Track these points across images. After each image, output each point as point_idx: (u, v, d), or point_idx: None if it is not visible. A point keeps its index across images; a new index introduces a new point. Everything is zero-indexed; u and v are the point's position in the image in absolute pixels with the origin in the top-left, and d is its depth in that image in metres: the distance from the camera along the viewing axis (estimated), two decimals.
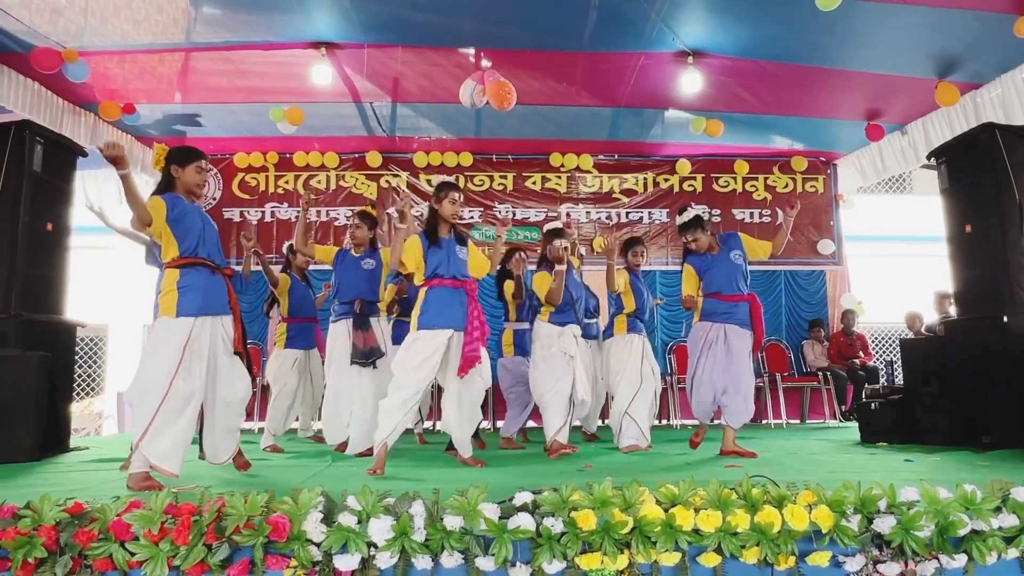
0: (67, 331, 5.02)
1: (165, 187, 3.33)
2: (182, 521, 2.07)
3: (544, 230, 4.83)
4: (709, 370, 4.28)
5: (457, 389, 3.81)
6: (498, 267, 4.67)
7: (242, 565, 2.07)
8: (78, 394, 8.97)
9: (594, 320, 5.69)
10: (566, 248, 4.49)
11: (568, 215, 8.09)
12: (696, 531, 2.12)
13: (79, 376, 9.26)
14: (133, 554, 2.06)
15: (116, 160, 3.14)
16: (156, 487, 2.87)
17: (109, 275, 8.82)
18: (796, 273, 8.27)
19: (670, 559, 2.11)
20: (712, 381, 4.27)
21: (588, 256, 7.31)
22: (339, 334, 4.56)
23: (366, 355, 4.35)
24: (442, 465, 3.88)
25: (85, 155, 5.41)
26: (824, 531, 2.13)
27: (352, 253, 4.69)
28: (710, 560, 2.12)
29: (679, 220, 4.42)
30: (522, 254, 5.29)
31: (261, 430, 6.81)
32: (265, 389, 7.14)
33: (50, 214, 4.87)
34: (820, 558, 2.12)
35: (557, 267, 4.39)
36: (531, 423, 6.28)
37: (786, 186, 8.30)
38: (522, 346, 5.17)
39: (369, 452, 4.32)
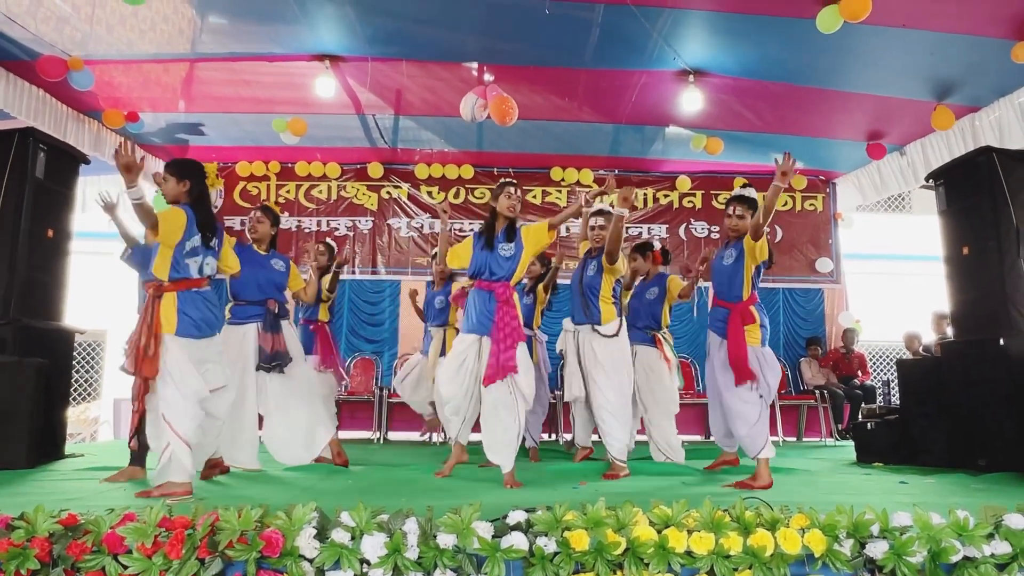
0: (65, 337, 5.02)
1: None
2: (175, 535, 2.07)
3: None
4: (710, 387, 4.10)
5: (489, 400, 3.61)
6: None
7: None
8: (74, 399, 8.95)
9: None
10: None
11: (568, 229, 8.12)
12: (689, 553, 2.13)
13: (76, 381, 9.25)
14: (126, 567, 2.06)
15: (127, 168, 3.09)
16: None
17: (108, 280, 8.83)
18: (794, 291, 8.29)
19: None
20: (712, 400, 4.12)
21: None
22: (246, 337, 4.06)
23: (269, 358, 4.00)
24: (436, 481, 3.87)
25: (88, 162, 5.44)
26: (817, 555, 2.13)
27: (256, 249, 4.27)
28: None
29: (736, 193, 3.95)
30: None
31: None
32: None
33: (51, 220, 4.89)
34: None
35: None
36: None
37: (785, 204, 8.33)
38: None
39: (322, 460, 4.33)
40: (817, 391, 7.55)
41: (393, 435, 7.27)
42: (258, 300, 4.11)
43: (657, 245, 5.23)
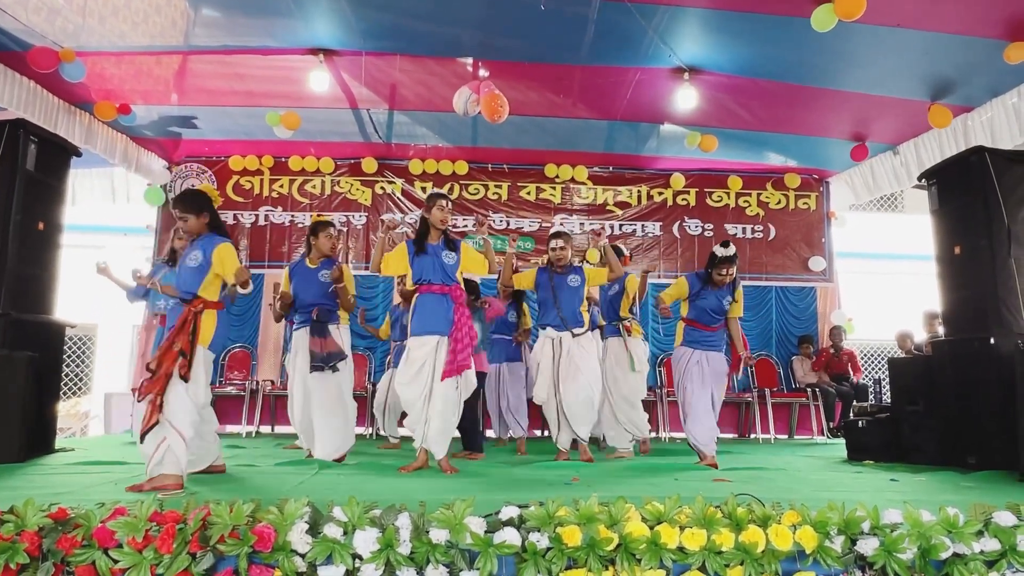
0: (56, 331, 4.99)
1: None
2: (166, 529, 2.06)
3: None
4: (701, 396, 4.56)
5: (438, 392, 3.96)
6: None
7: (226, 574, 2.07)
8: (65, 393, 8.90)
9: None
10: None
11: (562, 225, 8.12)
12: (681, 549, 2.13)
13: (66, 375, 9.19)
14: (116, 561, 2.05)
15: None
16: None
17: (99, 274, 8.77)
18: (787, 289, 8.31)
19: None
20: (707, 406, 4.57)
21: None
22: (301, 341, 4.46)
23: (324, 359, 4.33)
24: (429, 475, 3.87)
25: (79, 155, 5.39)
26: (808, 551, 2.14)
27: (308, 264, 4.54)
28: None
29: (722, 252, 4.46)
30: None
31: (250, 434, 6.81)
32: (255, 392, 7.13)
33: (42, 213, 4.85)
34: None
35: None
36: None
37: (779, 202, 8.36)
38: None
39: (342, 458, 4.40)
40: (809, 389, 7.58)
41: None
42: (307, 309, 4.43)
43: (625, 250, 5.85)
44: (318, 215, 5.72)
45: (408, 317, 4.18)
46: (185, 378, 3.26)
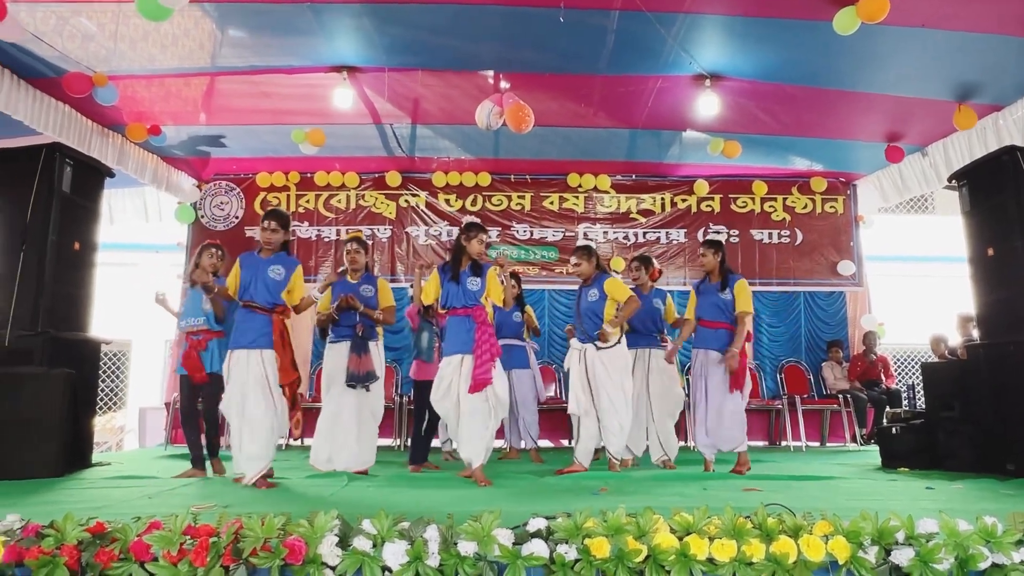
0: (92, 348, 5.11)
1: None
2: (200, 543, 2.10)
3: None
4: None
5: (465, 407, 4.05)
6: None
7: None
8: (101, 408, 9.10)
9: None
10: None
11: (585, 235, 8.12)
12: (711, 560, 2.11)
13: (102, 391, 9.40)
14: (152, 575, 2.09)
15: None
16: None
17: (133, 291, 8.98)
18: (815, 294, 8.20)
19: None
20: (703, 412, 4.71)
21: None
22: (338, 355, 4.58)
23: (359, 378, 4.46)
24: (456, 486, 3.89)
25: (112, 175, 5.54)
26: (841, 562, 2.11)
27: (349, 279, 4.71)
28: None
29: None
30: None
31: (280, 447, 6.88)
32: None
33: (78, 233, 4.99)
34: None
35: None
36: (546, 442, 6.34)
37: (805, 207, 8.26)
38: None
39: (365, 471, 4.46)
40: (840, 395, 7.46)
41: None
42: (349, 324, 4.55)
43: (655, 263, 5.72)
44: (354, 231, 5.75)
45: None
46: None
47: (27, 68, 5.34)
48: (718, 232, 8.14)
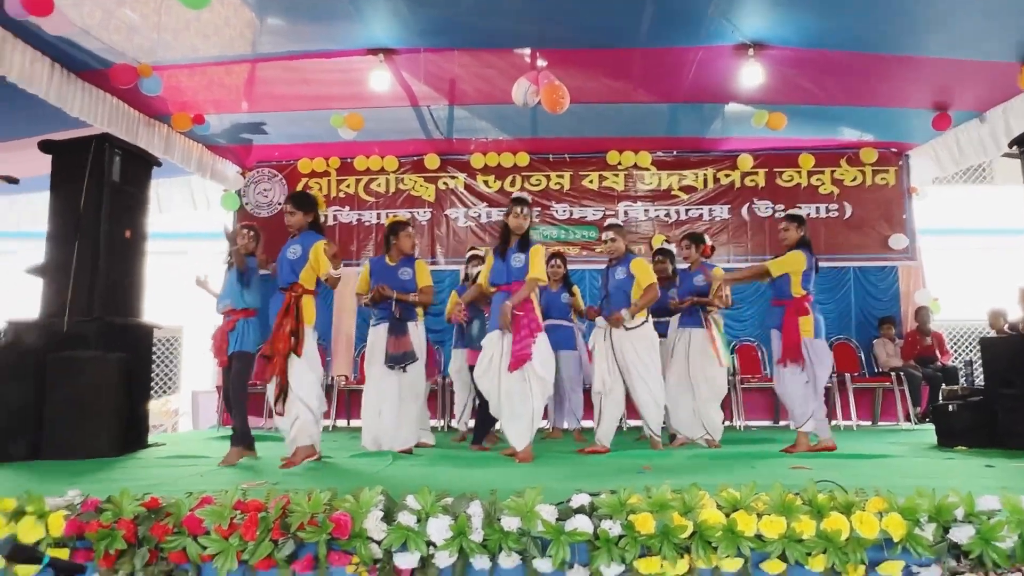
0: (144, 333, 5.26)
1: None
2: (250, 517, 2.15)
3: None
4: None
5: (503, 385, 4.07)
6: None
7: (307, 561, 2.14)
8: (155, 392, 9.41)
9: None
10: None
11: (626, 213, 8.02)
12: (759, 537, 2.07)
13: (156, 375, 9.71)
14: (205, 548, 2.15)
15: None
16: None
17: (183, 278, 9.22)
18: (866, 269, 7.94)
19: (732, 565, 2.06)
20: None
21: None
22: (378, 337, 4.62)
23: (396, 359, 4.47)
24: (499, 464, 3.90)
25: (159, 164, 5.66)
26: (896, 540, 2.04)
27: (388, 262, 4.71)
28: (774, 567, 2.06)
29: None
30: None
31: (325, 428, 7.02)
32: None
33: (128, 221, 5.12)
34: (892, 568, 2.04)
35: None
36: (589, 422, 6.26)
37: (855, 179, 7.99)
38: None
39: (409, 451, 4.47)
40: (893, 373, 7.23)
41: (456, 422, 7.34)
42: (388, 306, 4.57)
43: (708, 239, 5.61)
44: (394, 216, 5.70)
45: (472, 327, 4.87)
46: (297, 353, 3.71)
47: (76, 62, 5.49)
48: (764, 204, 7.94)
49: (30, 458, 4.23)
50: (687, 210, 8.07)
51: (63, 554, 2.18)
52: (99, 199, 4.86)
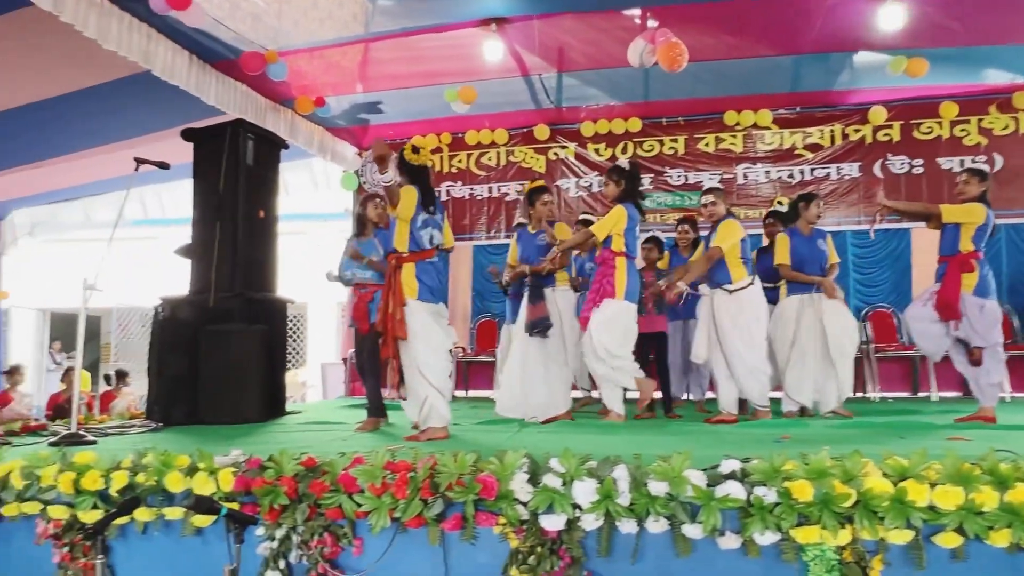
0: (280, 307, 5.57)
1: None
2: (400, 476, 2.22)
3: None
4: None
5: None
6: None
7: (455, 520, 2.19)
8: (287, 364, 10.00)
9: None
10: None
11: (745, 176, 7.67)
12: (932, 508, 1.92)
13: (288, 349, 10.31)
14: (359, 505, 2.25)
15: (381, 159, 3.44)
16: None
17: (307, 257, 9.70)
18: (1019, 227, 7.21)
19: (901, 537, 1.93)
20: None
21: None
22: (520, 305, 4.69)
23: (533, 325, 4.49)
24: (629, 431, 3.84)
25: (287, 147, 5.94)
26: None
27: (528, 230, 4.80)
28: (949, 541, 1.92)
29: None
30: None
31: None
32: None
33: (261, 202, 5.40)
34: None
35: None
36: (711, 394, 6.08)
37: (1006, 127, 7.23)
38: None
39: (553, 419, 4.44)
40: None
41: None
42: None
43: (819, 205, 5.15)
44: (533, 181, 5.57)
45: None
46: (402, 336, 3.45)
47: (210, 52, 5.82)
48: (900, 160, 7.36)
49: (189, 422, 4.59)
50: (812, 169, 7.60)
51: (234, 507, 2.34)
52: (235, 182, 5.14)
